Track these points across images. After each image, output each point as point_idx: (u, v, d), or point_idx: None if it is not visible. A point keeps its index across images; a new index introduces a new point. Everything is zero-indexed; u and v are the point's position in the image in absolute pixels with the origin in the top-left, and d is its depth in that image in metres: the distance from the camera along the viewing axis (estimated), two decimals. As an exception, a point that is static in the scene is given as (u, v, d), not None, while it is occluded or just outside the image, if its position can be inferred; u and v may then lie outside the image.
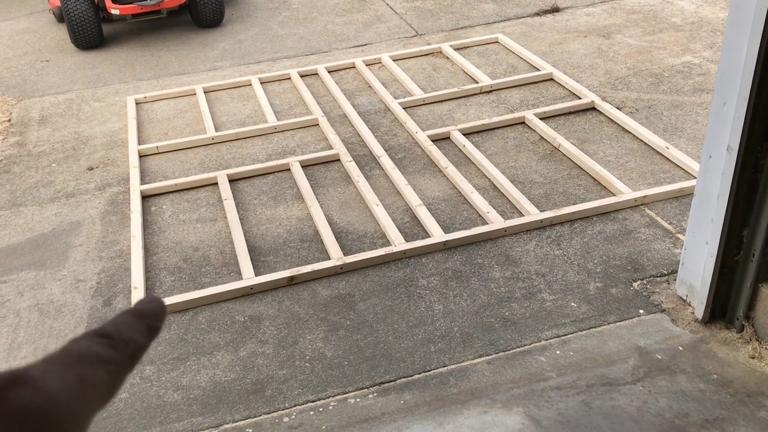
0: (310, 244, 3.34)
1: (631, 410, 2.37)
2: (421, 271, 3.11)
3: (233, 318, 2.94)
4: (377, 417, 2.44)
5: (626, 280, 2.97)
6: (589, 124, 4.15)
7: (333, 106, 4.62)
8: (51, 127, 4.73)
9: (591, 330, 2.74)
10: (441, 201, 3.57)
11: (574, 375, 2.53)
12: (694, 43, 5.05)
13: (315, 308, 2.95)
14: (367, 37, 5.74)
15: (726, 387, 2.43)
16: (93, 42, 5.90)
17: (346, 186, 3.77)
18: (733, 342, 2.62)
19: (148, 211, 3.71)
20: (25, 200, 3.93)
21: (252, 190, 3.82)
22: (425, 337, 2.76)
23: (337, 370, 2.65)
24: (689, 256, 2.74)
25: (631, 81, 4.60)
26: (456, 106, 4.49)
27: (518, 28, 5.59)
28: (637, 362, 2.56)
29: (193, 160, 4.17)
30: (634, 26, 5.41)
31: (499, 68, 4.94)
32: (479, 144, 4.02)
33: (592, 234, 3.26)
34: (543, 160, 3.84)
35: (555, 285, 2.98)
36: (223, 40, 5.95)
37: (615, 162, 3.78)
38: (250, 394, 2.58)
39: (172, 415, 2.52)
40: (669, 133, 3.99)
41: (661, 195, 3.44)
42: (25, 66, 5.78)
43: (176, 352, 2.79)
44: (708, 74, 4.59)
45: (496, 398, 2.46)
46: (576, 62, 4.91)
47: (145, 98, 4.92)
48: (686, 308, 2.79)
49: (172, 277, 3.21)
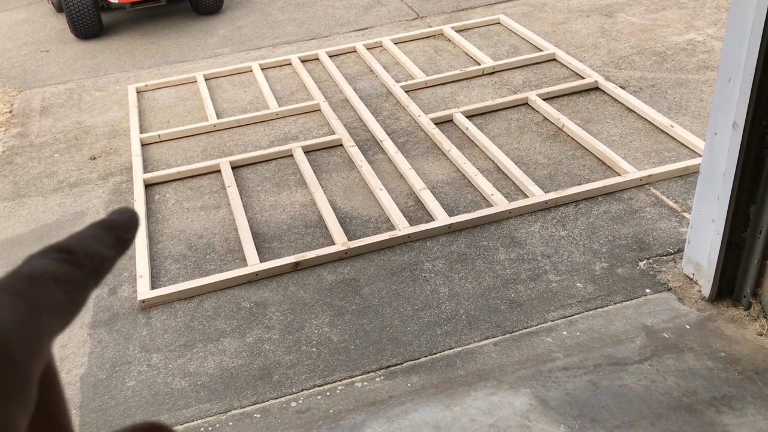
0: (315, 230, 3.33)
1: (638, 389, 2.36)
2: (425, 254, 3.11)
3: (239, 304, 2.94)
4: (384, 400, 2.44)
5: (632, 259, 2.96)
6: (593, 104, 4.12)
7: (334, 91, 4.60)
8: (52, 118, 4.72)
9: (597, 310, 2.73)
10: (445, 184, 3.56)
11: (581, 355, 2.53)
12: (698, 21, 5.00)
13: (320, 293, 2.95)
14: (367, 21, 5.70)
15: (734, 364, 2.42)
16: (92, 31, 5.87)
17: (349, 171, 3.76)
18: (740, 320, 2.61)
19: (152, 199, 3.70)
20: (28, 191, 3.93)
21: (255, 176, 3.81)
22: (431, 320, 2.76)
23: (343, 354, 2.65)
24: (695, 235, 2.72)
25: (635, 60, 4.56)
26: (458, 88, 4.46)
27: (520, 8, 5.54)
28: (644, 341, 2.56)
29: (195, 147, 4.15)
30: (637, 4, 5.36)
31: (501, 49, 4.90)
32: (482, 126, 3.99)
33: (598, 214, 3.25)
34: (547, 141, 3.82)
35: (560, 266, 2.97)
36: (223, 27, 5.92)
37: (619, 141, 3.75)
38: (258, 379, 2.58)
39: (180, 402, 2.52)
40: (673, 112, 3.96)
41: (666, 174, 3.41)
42: (25, 57, 5.76)
43: (183, 340, 2.79)
44: (712, 51, 4.54)
45: (504, 380, 2.46)
46: (579, 42, 4.87)
47: (146, 87, 4.91)
48: (693, 287, 2.78)
49: (177, 264, 3.21)
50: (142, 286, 3.03)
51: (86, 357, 2.76)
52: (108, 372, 2.68)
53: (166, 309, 2.96)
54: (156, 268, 3.20)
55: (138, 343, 2.81)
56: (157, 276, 3.15)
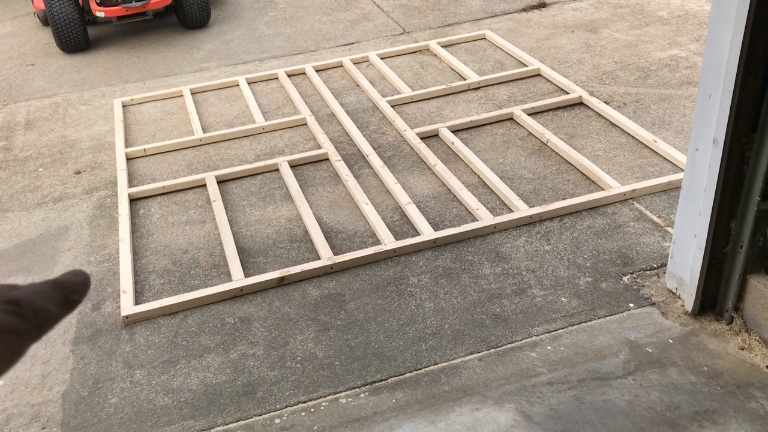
0: (300, 245, 3.33)
1: (622, 404, 2.37)
2: (411, 269, 3.11)
3: (223, 320, 2.93)
4: (369, 416, 2.43)
5: (616, 274, 2.98)
6: (577, 119, 4.15)
7: (321, 106, 4.61)
8: (37, 132, 4.69)
9: (581, 325, 2.74)
10: (430, 199, 3.57)
11: (566, 370, 2.53)
12: (681, 37, 5.06)
13: (305, 308, 2.94)
14: (354, 36, 5.73)
15: (716, 379, 2.43)
16: (78, 45, 5.86)
17: (335, 185, 3.76)
18: (722, 334, 2.63)
19: (137, 214, 3.69)
20: (12, 206, 3.90)
21: (240, 191, 3.80)
22: (416, 336, 2.75)
23: (328, 370, 2.64)
24: (678, 249, 2.75)
25: (619, 75, 4.61)
26: (444, 103, 4.48)
27: (505, 24, 5.59)
28: (627, 356, 2.57)
29: (181, 161, 4.15)
30: (621, 20, 5.42)
31: (486, 65, 4.94)
32: (468, 141, 4.01)
33: (582, 229, 3.27)
34: (532, 156, 3.84)
35: (545, 280, 2.98)
36: (210, 41, 5.92)
37: (603, 156, 3.78)
38: (241, 396, 2.57)
39: (163, 419, 2.50)
40: (657, 127, 4.00)
41: (649, 188, 3.44)
42: (11, 70, 5.74)
43: (166, 356, 2.78)
44: (695, 67, 4.60)
45: (488, 395, 2.46)
46: (563, 57, 4.92)
47: (131, 101, 4.90)
48: (676, 301, 2.79)
49: (161, 280, 3.19)
50: (125, 301, 3.01)
51: (68, 374, 2.73)
52: (90, 389, 2.66)
53: (149, 325, 2.94)
54: (140, 284, 3.18)
55: (121, 359, 2.78)
56: (140, 291, 3.14)
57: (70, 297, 0.38)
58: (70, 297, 0.38)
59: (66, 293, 0.38)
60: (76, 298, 0.38)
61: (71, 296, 0.38)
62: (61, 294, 0.38)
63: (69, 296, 0.38)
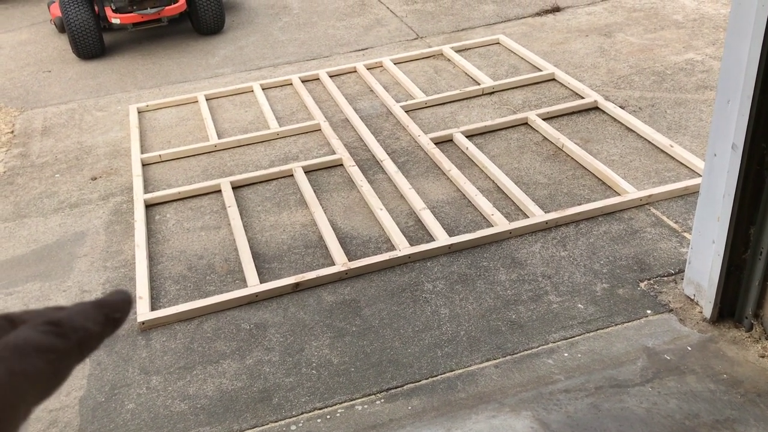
0: (315, 250, 3.33)
1: (640, 412, 2.35)
2: (426, 275, 3.10)
3: (239, 326, 2.93)
4: (385, 423, 2.42)
5: (633, 280, 2.96)
6: (593, 124, 4.13)
7: (335, 111, 4.62)
8: (54, 138, 4.73)
9: (599, 331, 2.72)
10: (445, 204, 3.56)
11: (583, 377, 2.51)
12: (696, 40, 5.03)
13: (320, 314, 2.94)
14: (367, 41, 5.74)
15: (736, 387, 2.41)
16: (94, 52, 5.91)
17: (349, 191, 3.76)
18: (742, 341, 2.60)
19: (152, 220, 3.71)
20: (29, 211, 3.93)
21: (255, 196, 3.81)
22: (432, 342, 2.74)
23: (343, 376, 2.63)
24: (696, 255, 2.72)
25: (634, 79, 4.58)
26: (458, 108, 4.48)
27: (519, 28, 5.57)
28: (645, 363, 2.55)
29: (196, 167, 4.16)
30: (636, 24, 5.39)
31: (500, 69, 4.93)
32: (482, 146, 4.00)
33: (598, 234, 3.25)
34: (547, 161, 3.82)
35: (561, 287, 2.96)
36: (224, 47, 5.95)
37: (619, 161, 3.76)
38: (257, 402, 2.57)
39: (180, 425, 2.51)
40: (673, 131, 3.97)
41: (666, 194, 3.42)
42: (28, 77, 5.79)
43: (182, 362, 2.78)
44: (711, 71, 4.57)
45: (505, 402, 2.44)
46: (578, 62, 4.90)
47: (147, 107, 4.93)
48: (694, 308, 2.77)
49: (176, 285, 3.21)
50: (141, 307, 3.03)
51: (85, 379, 2.75)
52: (107, 395, 2.67)
53: (165, 331, 2.95)
54: (156, 290, 3.20)
55: (137, 365, 2.79)
56: (156, 297, 3.15)
57: (111, 316, 0.39)
58: (111, 316, 0.39)
59: (106, 312, 0.39)
60: (118, 317, 0.40)
61: (112, 315, 0.39)
62: (101, 313, 0.39)
63: (110, 315, 0.39)
